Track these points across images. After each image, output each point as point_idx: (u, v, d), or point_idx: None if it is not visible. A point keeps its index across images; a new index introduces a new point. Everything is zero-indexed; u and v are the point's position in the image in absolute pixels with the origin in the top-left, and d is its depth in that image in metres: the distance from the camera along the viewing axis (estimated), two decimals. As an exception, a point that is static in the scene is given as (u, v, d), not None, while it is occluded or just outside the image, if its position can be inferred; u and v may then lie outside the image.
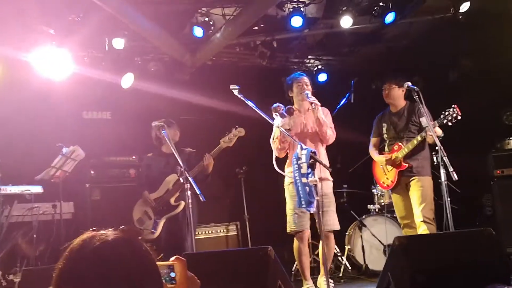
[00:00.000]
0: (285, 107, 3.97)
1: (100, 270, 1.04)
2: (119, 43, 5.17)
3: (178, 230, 4.44)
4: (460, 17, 5.14)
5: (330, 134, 4.21)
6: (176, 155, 3.96)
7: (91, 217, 5.16)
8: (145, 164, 4.81)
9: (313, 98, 4.13)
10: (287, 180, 4.21)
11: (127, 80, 5.53)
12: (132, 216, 4.65)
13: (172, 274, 1.31)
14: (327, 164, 4.28)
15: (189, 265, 1.35)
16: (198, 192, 3.71)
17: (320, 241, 3.57)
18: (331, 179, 4.31)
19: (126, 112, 6.02)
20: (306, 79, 4.31)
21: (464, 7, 4.91)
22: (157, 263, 1.27)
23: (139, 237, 1.19)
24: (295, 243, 4.12)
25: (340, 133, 4.61)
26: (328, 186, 4.22)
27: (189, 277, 1.34)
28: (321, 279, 4.02)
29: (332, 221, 4.11)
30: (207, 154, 4.41)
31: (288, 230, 4.16)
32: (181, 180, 3.92)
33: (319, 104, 4.14)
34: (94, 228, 1.14)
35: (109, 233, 1.11)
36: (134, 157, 5.60)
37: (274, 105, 4.03)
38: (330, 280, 4.06)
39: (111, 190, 5.44)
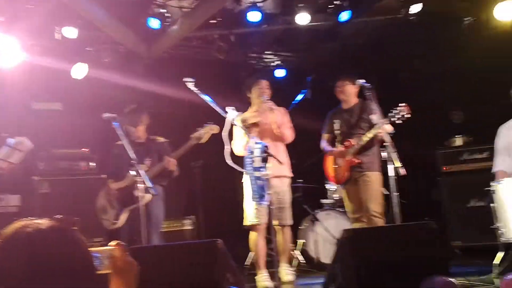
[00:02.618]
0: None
1: (31, 258, 1.05)
2: (71, 32, 5.02)
3: (140, 224, 4.36)
4: (413, 18, 5.29)
5: (289, 134, 4.50)
6: (127, 149, 3.87)
7: (39, 211, 4.99)
8: (113, 153, 4.68)
9: (271, 102, 4.41)
10: (245, 176, 4.29)
11: (79, 70, 5.38)
12: (95, 204, 4.51)
13: (111, 259, 1.34)
14: (287, 160, 4.42)
15: (137, 259, 1.37)
16: (149, 185, 3.66)
17: (273, 235, 3.71)
18: (290, 175, 4.50)
19: (78, 103, 5.85)
20: (266, 83, 4.56)
21: (415, 8, 5.06)
22: (97, 248, 1.33)
23: (74, 227, 1.21)
24: (252, 235, 4.34)
25: (296, 129, 4.72)
26: (285, 183, 4.47)
27: (129, 262, 1.35)
28: (281, 268, 4.33)
29: (287, 216, 4.41)
30: (166, 157, 4.35)
31: (246, 223, 4.35)
32: (131, 173, 3.85)
33: (276, 108, 4.42)
34: (29, 217, 1.15)
35: (42, 222, 1.13)
36: (85, 149, 5.46)
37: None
38: (290, 268, 4.45)
39: (61, 183, 5.27)
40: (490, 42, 5.35)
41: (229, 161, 4.08)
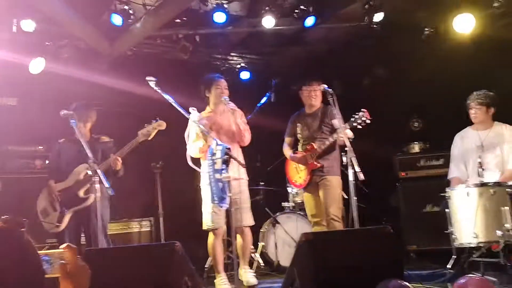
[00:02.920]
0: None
1: None
2: (29, 25, 4.82)
3: (87, 225, 4.25)
4: (375, 26, 5.39)
5: (248, 137, 4.41)
6: (85, 147, 3.77)
7: (-11, 210, 4.77)
8: (55, 150, 4.51)
9: (233, 104, 4.32)
10: (204, 178, 4.24)
11: (37, 65, 5.18)
12: (36, 207, 4.34)
13: (62, 262, 1.30)
14: (242, 162, 4.40)
15: (90, 262, 1.35)
16: (106, 185, 3.57)
17: (233, 237, 3.70)
18: (247, 178, 4.45)
19: (34, 99, 5.65)
20: (224, 82, 4.46)
21: (378, 17, 5.17)
22: (47, 251, 1.31)
23: (22, 228, 1.17)
24: (210, 238, 4.27)
25: (260, 132, 4.71)
26: (243, 184, 4.41)
27: (80, 265, 1.32)
28: (242, 271, 4.27)
29: (248, 217, 4.35)
30: (112, 155, 4.23)
31: (204, 227, 4.28)
32: (89, 172, 3.74)
33: (237, 110, 4.35)
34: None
35: None
36: (40, 147, 5.27)
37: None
38: (251, 270, 4.42)
39: (15, 181, 5.08)
40: (449, 53, 5.53)
41: (190, 162, 4.05)
